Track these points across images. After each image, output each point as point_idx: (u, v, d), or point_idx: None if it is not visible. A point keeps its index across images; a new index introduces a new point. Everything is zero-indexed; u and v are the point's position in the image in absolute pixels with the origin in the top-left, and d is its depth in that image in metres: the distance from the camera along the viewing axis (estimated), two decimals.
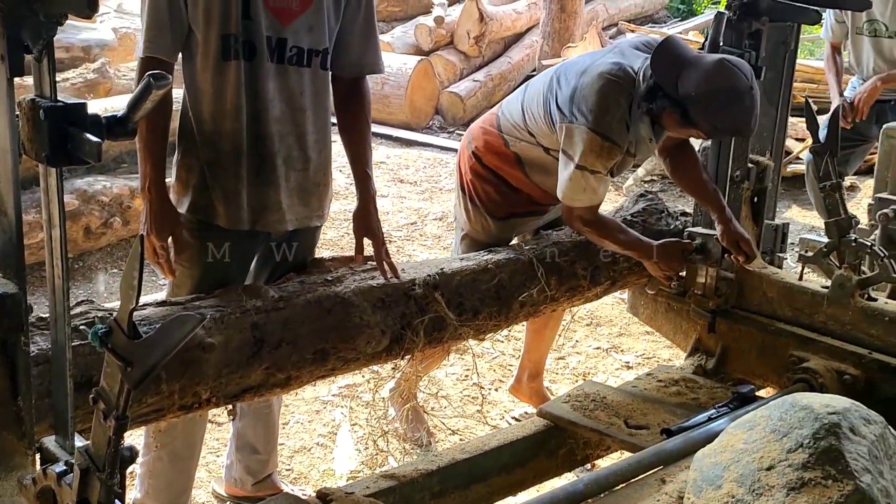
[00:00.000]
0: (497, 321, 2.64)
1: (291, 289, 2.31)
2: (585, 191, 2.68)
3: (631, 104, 2.64)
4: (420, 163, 7.24)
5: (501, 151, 2.90)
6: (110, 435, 1.12)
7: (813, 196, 4.99)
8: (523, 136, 2.85)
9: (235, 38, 2.21)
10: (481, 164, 2.95)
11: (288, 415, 3.54)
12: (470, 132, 3.08)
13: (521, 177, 2.90)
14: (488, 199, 2.93)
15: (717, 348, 2.93)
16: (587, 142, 2.62)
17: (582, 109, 2.63)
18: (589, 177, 2.66)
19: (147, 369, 1.09)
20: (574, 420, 2.61)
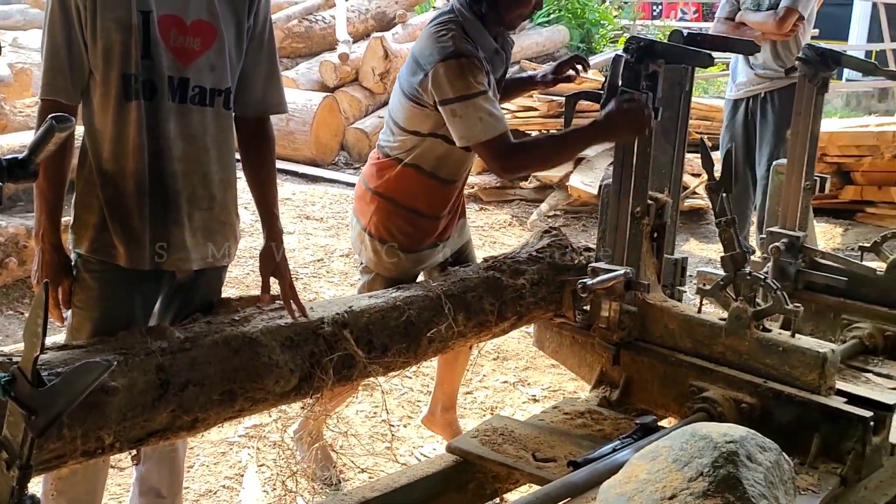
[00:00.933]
0: (406, 358, 2.66)
1: (198, 329, 2.28)
2: (482, 119, 2.73)
3: (463, 30, 2.81)
4: (326, 199, 7.23)
5: (399, 172, 2.96)
6: (13, 485, 1.09)
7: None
8: (411, 142, 2.92)
9: (135, 78, 2.20)
10: (384, 198, 2.98)
11: (193, 457, 3.47)
12: (362, 178, 3.13)
13: (425, 180, 2.95)
14: (400, 232, 2.96)
15: (620, 380, 2.99)
16: (446, 72, 2.73)
17: (426, 57, 2.79)
18: (476, 101, 2.73)
19: (52, 417, 1.07)
20: (483, 454, 2.63)
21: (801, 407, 2.50)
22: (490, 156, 2.80)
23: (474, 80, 2.75)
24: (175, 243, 2.32)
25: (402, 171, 2.96)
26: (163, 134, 2.25)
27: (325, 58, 8.99)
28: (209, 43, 2.27)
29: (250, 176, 2.50)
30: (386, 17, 10.20)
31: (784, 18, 5.01)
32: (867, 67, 3.80)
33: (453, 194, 3.05)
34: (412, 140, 2.94)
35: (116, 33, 2.17)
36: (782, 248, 3.39)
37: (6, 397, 1.09)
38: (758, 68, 5.26)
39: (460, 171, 3.03)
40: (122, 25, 2.17)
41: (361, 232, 3.03)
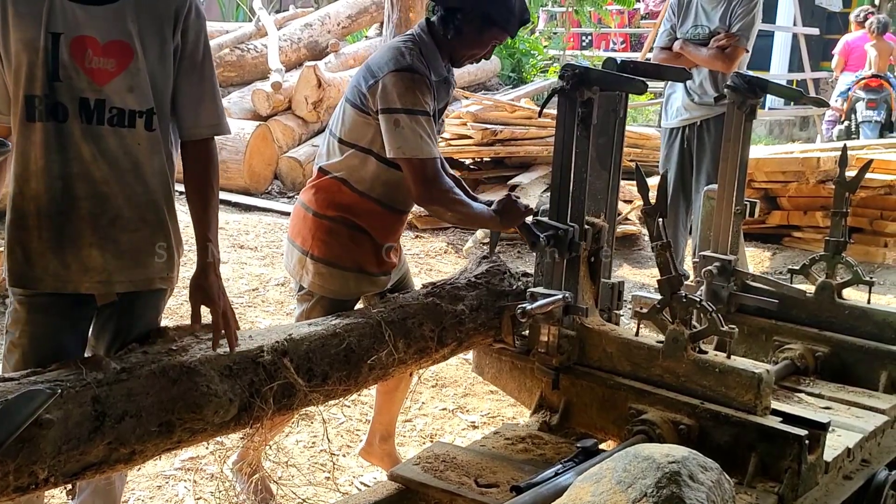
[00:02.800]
0: (347, 385, 2.63)
1: (134, 359, 2.24)
2: (420, 137, 2.79)
3: (420, 51, 2.87)
4: (260, 228, 7.17)
5: (337, 190, 2.96)
6: None
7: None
8: (349, 158, 2.93)
9: (39, 99, 2.18)
10: (326, 219, 2.96)
11: (128, 491, 3.38)
12: (301, 203, 3.09)
13: (363, 201, 2.96)
14: (344, 251, 2.95)
15: (560, 404, 3.01)
16: (397, 82, 2.79)
17: (380, 66, 2.84)
18: (419, 118, 2.79)
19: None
20: (425, 482, 2.62)
21: (738, 427, 2.55)
22: (415, 175, 2.83)
23: (422, 98, 2.81)
24: (93, 266, 2.27)
25: (339, 188, 2.96)
26: (77, 156, 2.22)
27: (258, 86, 8.95)
28: (125, 63, 2.23)
29: (188, 198, 2.46)
30: (318, 47, 10.20)
31: (733, 57, 5.12)
32: (794, 95, 3.92)
33: (400, 222, 3.05)
34: (351, 156, 2.93)
35: (24, 54, 2.15)
36: (714, 272, 3.46)
37: None
38: (696, 96, 5.36)
39: (404, 197, 3.00)
40: (29, 47, 2.15)
41: (302, 257, 3.00)
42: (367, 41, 10.76)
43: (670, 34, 5.43)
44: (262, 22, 10.00)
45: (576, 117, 2.78)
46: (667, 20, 5.53)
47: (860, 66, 11.21)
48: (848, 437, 2.84)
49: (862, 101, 10.71)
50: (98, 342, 2.40)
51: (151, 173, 2.34)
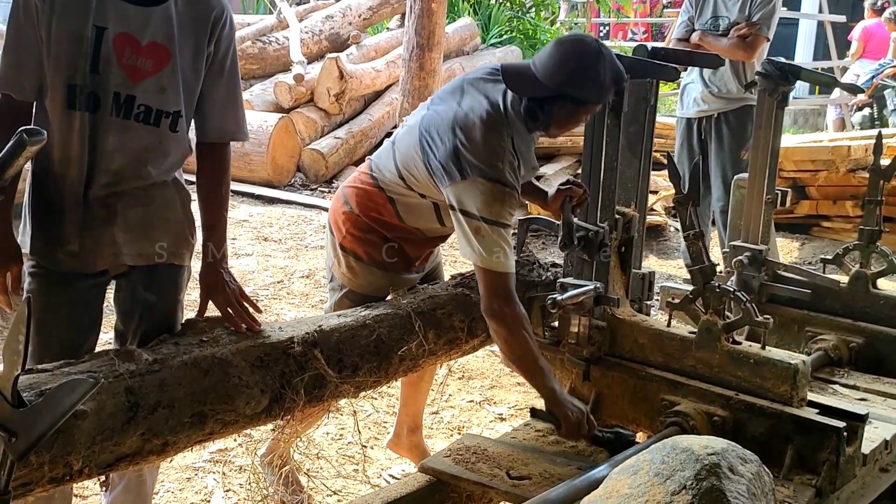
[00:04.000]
0: (377, 377, 2.62)
1: (166, 351, 2.23)
2: (502, 250, 2.61)
3: (513, 139, 2.66)
4: (284, 220, 7.17)
5: (381, 204, 2.90)
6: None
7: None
8: (407, 192, 2.85)
9: (80, 89, 2.23)
10: (362, 224, 2.93)
11: (158, 483, 3.38)
12: (343, 195, 3.03)
13: (408, 228, 2.91)
14: (374, 251, 2.91)
15: (590, 396, 2.98)
16: (485, 192, 2.59)
17: (472, 162, 2.60)
18: (501, 231, 2.62)
19: (33, 440, 1.02)
20: (456, 474, 2.60)
21: (773, 419, 2.51)
22: (489, 287, 2.65)
23: (508, 212, 2.65)
24: (104, 241, 2.35)
25: (387, 208, 2.89)
26: (101, 146, 2.29)
27: (280, 79, 8.94)
28: (162, 65, 2.29)
29: (201, 197, 2.52)
30: (340, 38, 10.18)
31: (754, 46, 5.07)
32: (827, 81, 3.87)
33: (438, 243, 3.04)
34: (411, 195, 2.85)
35: (68, 44, 2.20)
36: (745, 262, 3.42)
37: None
38: (715, 87, 5.31)
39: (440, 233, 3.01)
40: (74, 37, 2.20)
41: (336, 245, 2.98)
42: (389, 32, 10.72)
43: (688, 25, 5.37)
44: (283, 14, 9.99)
45: (606, 105, 2.74)
46: (684, 11, 5.47)
47: (881, 53, 11.08)
48: (885, 429, 2.79)
49: (892, 89, 10.57)
50: (121, 315, 2.49)
51: (168, 169, 2.41)
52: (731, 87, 5.28)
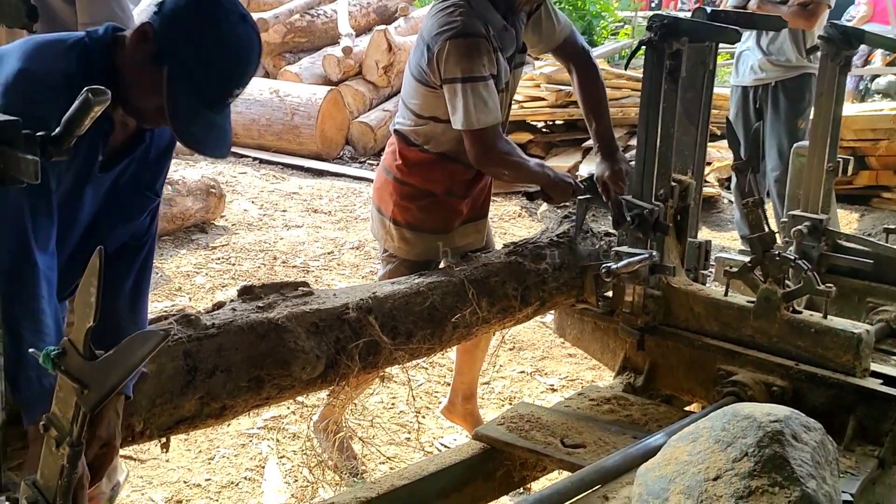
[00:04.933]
0: (431, 344, 2.61)
1: (223, 316, 2.24)
2: (478, 107, 2.74)
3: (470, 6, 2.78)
4: (333, 192, 7.20)
5: (418, 158, 2.93)
6: (63, 463, 1.04)
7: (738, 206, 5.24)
8: (426, 127, 2.91)
9: None
10: (407, 185, 2.94)
11: (213, 449, 3.44)
12: (382, 166, 3.09)
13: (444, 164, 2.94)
14: (426, 216, 2.93)
15: (645, 365, 2.95)
16: (452, 50, 2.72)
17: (432, 36, 2.77)
18: (476, 87, 2.73)
19: (105, 391, 1.03)
20: (511, 441, 2.59)
21: (835, 389, 2.46)
22: (473, 144, 2.81)
23: (479, 63, 2.74)
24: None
25: (424, 157, 2.94)
26: None
27: (328, 52, 8.95)
28: None
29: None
30: (388, 11, 10.15)
31: (815, 14, 4.95)
32: (892, 45, 3.75)
33: (471, 175, 3.02)
34: (430, 126, 2.91)
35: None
36: (805, 232, 3.35)
37: (56, 371, 1.05)
38: (772, 55, 5.20)
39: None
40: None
41: (385, 221, 2.99)
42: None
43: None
44: None
45: (663, 70, 2.69)
46: None
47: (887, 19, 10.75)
48: None
49: None
50: None
51: None
52: (789, 54, 5.16)
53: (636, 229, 2.80)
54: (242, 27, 1.82)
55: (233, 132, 1.96)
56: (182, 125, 1.77)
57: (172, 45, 1.77)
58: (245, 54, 1.83)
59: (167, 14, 1.79)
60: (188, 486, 3.23)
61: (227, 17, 1.80)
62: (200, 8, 1.80)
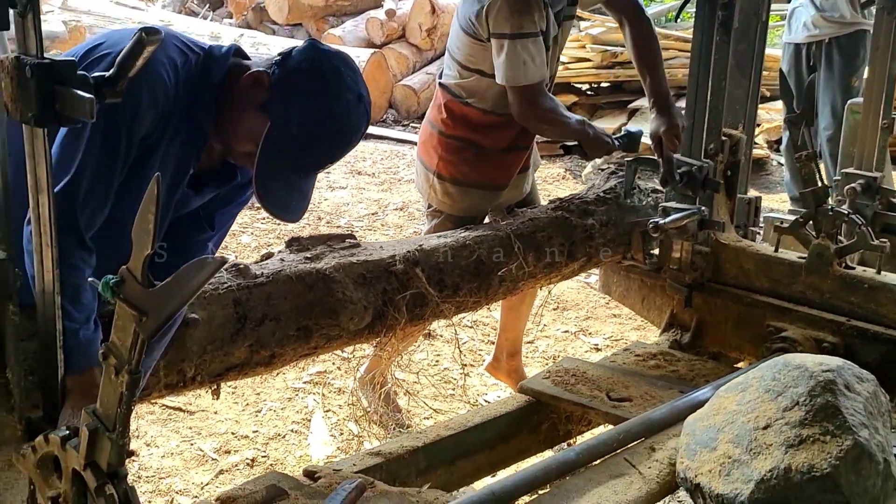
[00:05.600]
0: (477, 297, 2.61)
1: (272, 266, 2.26)
2: (525, 63, 2.71)
3: None
4: (377, 155, 7.21)
5: (463, 111, 2.91)
6: (122, 391, 1.06)
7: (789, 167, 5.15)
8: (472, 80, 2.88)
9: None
10: (452, 139, 2.93)
11: (260, 402, 3.49)
12: (428, 120, 3.08)
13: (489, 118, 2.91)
14: (471, 170, 2.91)
15: (692, 322, 2.94)
16: (503, 5, 2.67)
17: None
18: (525, 42, 2.70)
19: (163, 319, 1.04)
20: (556, 394, 2.60)
21: (888, 345, 2.43)
22: (517, 100, 2.78)
23: (529, 19, 2.71)
24: None
25: (468, 111, 2.92)
26: None
27: (371, 15, 8.92)
28: None
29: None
30: None
31: None
32: None
33: (516, 131, 3.00)
34: (476, 80, 2.89)
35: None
36: (858, 190, 3.28)
37: (115, 299, 1.06)
38: (826, 11, 5.09)
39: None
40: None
41: (430, 175, 2.98)
42: None
43: None
44: None
45: (715, 21, 2.65)
46: None
47: None
48: None
49: None
50: None
51: None
52: (843, 10, 5.04)
53: (685, 187, 2.78)
54: (356, 108, 1.79)
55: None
56: (266, 184, 1.75)
57: (283, 103, 1.74)
58: (349, 135, 1.81)
59: (289, 70, 1.76)
60: (236, 438, 3.28)
61: (345, 94, 1.76)
62: (322, 76, 1.76)
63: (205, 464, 3.12)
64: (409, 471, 2.36)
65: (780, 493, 1.73)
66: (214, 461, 3.13)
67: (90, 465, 1.12)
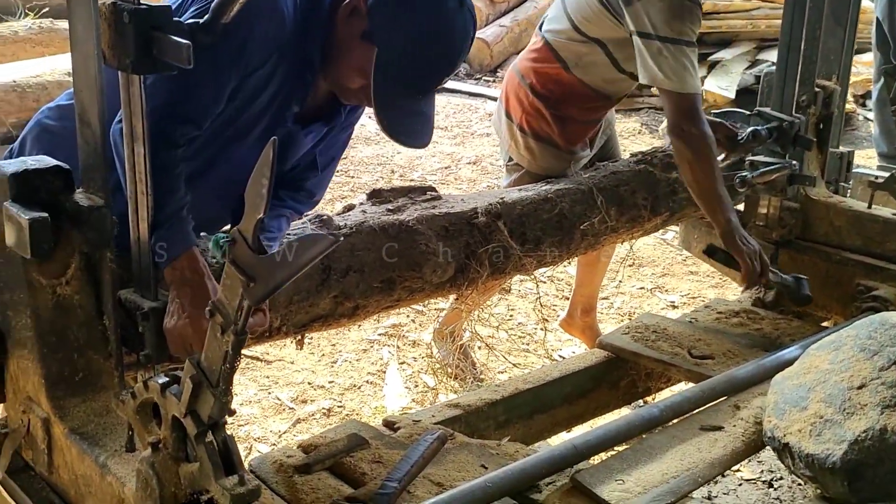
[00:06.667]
0: (559, 252, 2.58)
1: (354, 218, 2.26)
2: (685, 69, 2.48)
3: None
4: (449, 108, 7.16)
5: (559, 74, 2.81)
6: (227, 350, 1.07)
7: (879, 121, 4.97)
8: (580, 43, 2.74)
9: None
10: (541, 96, 2.86)
11: (336, 353, 3.53)
12: (517, 71, 2.94)
13: (583, 90, 2.80)
14: (554, 131, 2.84)
15: None
16: (664, 8, 2.46)
17: None
18: (685, 49, 2.48)
19: (270, 288, 1.03)
20: (637, 351, 2.56)
21: None
22: (675, 108, 2.54)
23: (690, 28, 2.52)
24: None
25: (568, 78, 2.80)
26: None
27: None
28: None
29: None
30: None
31: None
32: None
33: (609, 107, 2.93)
34: (588, 49, 2.74)
35: None
36: None
37: (224, 259, 1.06)
38: None
39: (622, 91, 2.89)
40: None
41: (513, 127, 2.92)
42: None
43: None
44: None
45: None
46: None
47: None
48: None
49: None
50: None
51: None
52: None
53: (774, 143, 2.69)
54: (460, 14, 1.71)
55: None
56: (387, 114, 1.70)
57: (385, 27, 1.69)
58: (459, 44, 1.74)
59: None
60: (312, 387, 3.33)
61: (445, 2, 1.69)
62: None
63: (282, 412, 3.18)
64: (487, 424, 2.36)
65: (874, 454, 1.69)
66: (291, 410, 3.19)
67: (190, 413, 1.13)
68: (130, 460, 1.34)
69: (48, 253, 1.39)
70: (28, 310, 1.44)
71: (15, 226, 1.38)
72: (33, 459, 1.51)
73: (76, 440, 1.40)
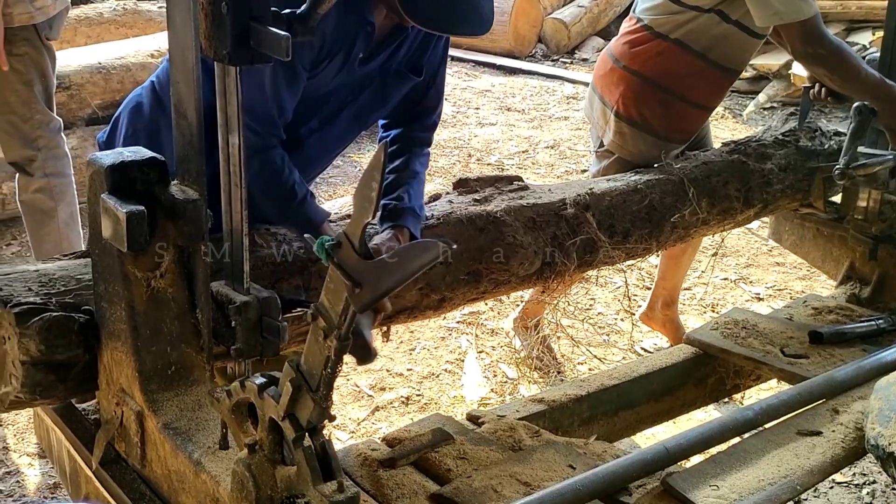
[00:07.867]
0: (648, 244, 2.51)
1: (441, 208, 2.23)
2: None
3: None
4: (526, 91, 7.09)
5: (662, 50, 2.72)
6: (329, 355, 1.04)
7: None
8: (683, 16, 2.67)
9: None
10: (639, 76, 2.77)
11: (414, 341, 3.51)
12: (610, 54, 2.87)
13: (693, 61, 2.71)
14: (652, 115, 2.75)
15: (873, 276, 2.76)
16: None
17: None
18: None
19: (379, 294, 0.99)
20: (726, 347, 2.48)
21: None
22: (798, 37, 2.51)
23: None
24: None
25: (666, 47, 2.71)
26: None
27: None
28: None
29: None
30: None
31: None
32: None
33: (727, 84, 2.82)
34: (688, 17, 2.67)
35: None
36: None
37: (328, 262, 1.02)
38: None
39: (741, 57, 2.77)
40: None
41: (606, 111, 2.84)
42: None
43: None
44: None
45: None
46: None
47: None
48: None
49: None
50: None
51: None
52: None
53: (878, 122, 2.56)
54: None
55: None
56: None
57: None
58: None
59: None
60: (391, 375, 3.31)
61: None
62: None
63: (360, 399, 3.17)
64: (571, 420, 2.31)
65: None
66: (370, 397, 3.18)
67: (288, 417, 1.11)
68: (224, 458, 1.33)
69: (144, 246, 1.38)
70: (123, 302, 1.44)
71: (112, 218, 1.37)
72: (126, 452, 1.51)
73: (169, 435, 1.40)
